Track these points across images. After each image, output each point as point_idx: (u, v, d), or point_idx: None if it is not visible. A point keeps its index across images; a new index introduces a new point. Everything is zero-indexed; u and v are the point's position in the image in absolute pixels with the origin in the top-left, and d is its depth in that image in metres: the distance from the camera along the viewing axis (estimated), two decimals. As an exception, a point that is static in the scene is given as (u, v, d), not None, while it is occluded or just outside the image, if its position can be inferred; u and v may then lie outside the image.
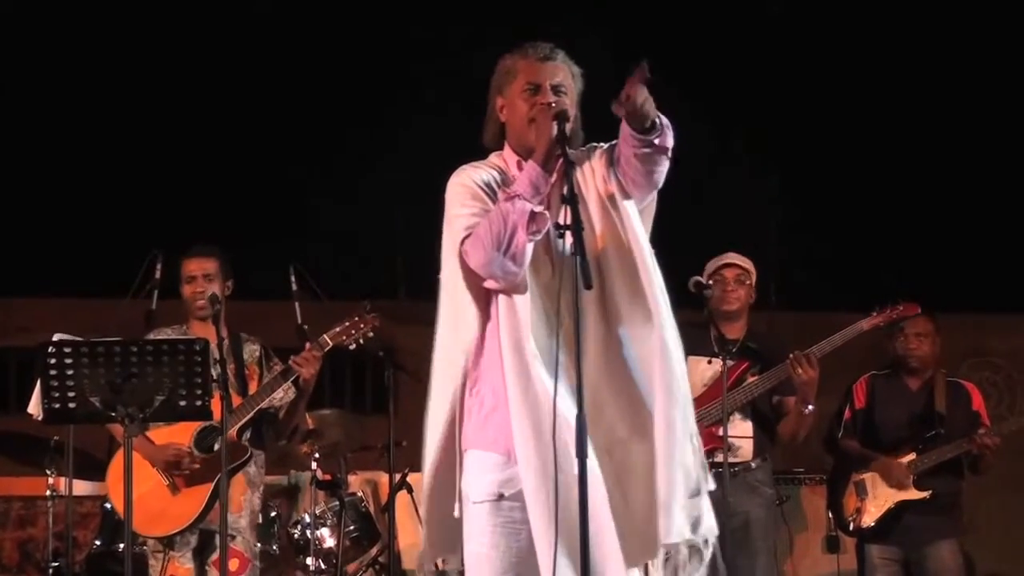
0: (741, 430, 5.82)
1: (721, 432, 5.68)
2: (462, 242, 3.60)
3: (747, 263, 5.99)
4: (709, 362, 5.85)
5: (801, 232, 8.75)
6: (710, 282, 5.88)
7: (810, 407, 5.78)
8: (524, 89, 3.73)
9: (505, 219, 3.51)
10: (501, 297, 3.63)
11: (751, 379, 5.84)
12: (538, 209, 3.54)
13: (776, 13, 8.39)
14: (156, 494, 5.59)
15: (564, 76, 3.75)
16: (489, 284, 3.62)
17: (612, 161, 3.72)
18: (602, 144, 3.79)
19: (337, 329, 5.74)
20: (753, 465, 5.84)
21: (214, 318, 5.65)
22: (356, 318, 5.76)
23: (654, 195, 3.76)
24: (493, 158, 3.83)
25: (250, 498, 5.83)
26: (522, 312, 3.59)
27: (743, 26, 8.55)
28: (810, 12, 8.45)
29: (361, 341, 5.77)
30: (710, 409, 5.68)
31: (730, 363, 5.79)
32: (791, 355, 5.73)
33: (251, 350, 5.95)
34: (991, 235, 8.80)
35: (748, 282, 5.97)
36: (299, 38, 8.46)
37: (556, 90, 3.71)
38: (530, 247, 3.54)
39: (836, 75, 8.60)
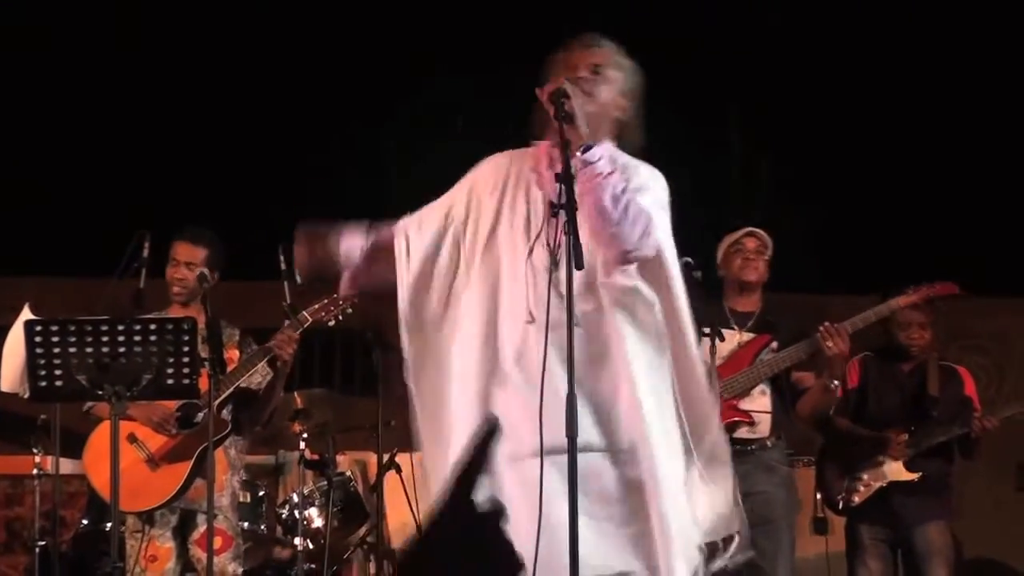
0: (760, 404, 5.77)
1: (743, 405, 5.68)
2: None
3: (767, 236, 5.93)
4: (721, 339, 5.75)
5: (793, 215, 8.74)
6: (693, 261, 5.84)
7: (836, 383, 5.77)
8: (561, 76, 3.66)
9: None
10: None
11: (772, 353, 5.77)
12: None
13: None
14: (135, 470, 5.56)
15: (605, 59, 3.72)
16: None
17: None
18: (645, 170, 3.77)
19: (316, 306, 5.76)
20: (769, 444, 5.79)
21: (202, 297, 5.64)
22: (335, 295, 5.76)
23: None
24: (532, 147, 3.81)
25: (230, 479, 5.85)
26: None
27: (735, 7, 8.51)
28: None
29: (340, 317, 5.79)
30: (731, 382, 5.65)
31: (749, 336, 5.77)
32: (821, 327, 5.68)
33: (229, 333, 5.95)
34: (979, 218, 8.79)
35: (766, 256, 5.91)
36: (290, 16, 8.40)
37: (595, 69, 3.68)
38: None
39: (831, 56, 8.56)
